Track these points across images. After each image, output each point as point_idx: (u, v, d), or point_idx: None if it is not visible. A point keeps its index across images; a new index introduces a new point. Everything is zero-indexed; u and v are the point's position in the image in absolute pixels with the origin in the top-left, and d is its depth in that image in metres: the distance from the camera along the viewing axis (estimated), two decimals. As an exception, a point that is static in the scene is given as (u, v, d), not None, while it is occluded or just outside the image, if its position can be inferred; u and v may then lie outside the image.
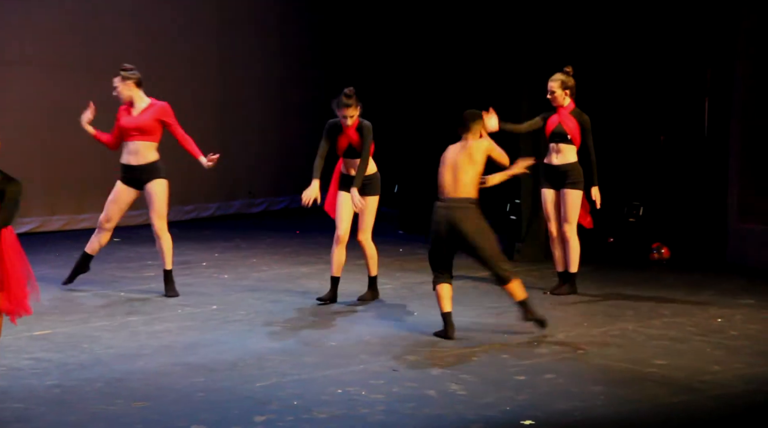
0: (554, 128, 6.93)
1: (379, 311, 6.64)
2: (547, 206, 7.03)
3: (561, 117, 6.93)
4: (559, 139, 6.92)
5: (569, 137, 6.90)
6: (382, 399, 4.90)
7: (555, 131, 6.93)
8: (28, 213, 8.73)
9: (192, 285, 7.27)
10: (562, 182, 6.94)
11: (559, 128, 6.92)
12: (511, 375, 5.30)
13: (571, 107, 6.96)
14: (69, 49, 8.69)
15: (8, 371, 5.13)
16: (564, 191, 6.94)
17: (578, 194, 6.96)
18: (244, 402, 4.83)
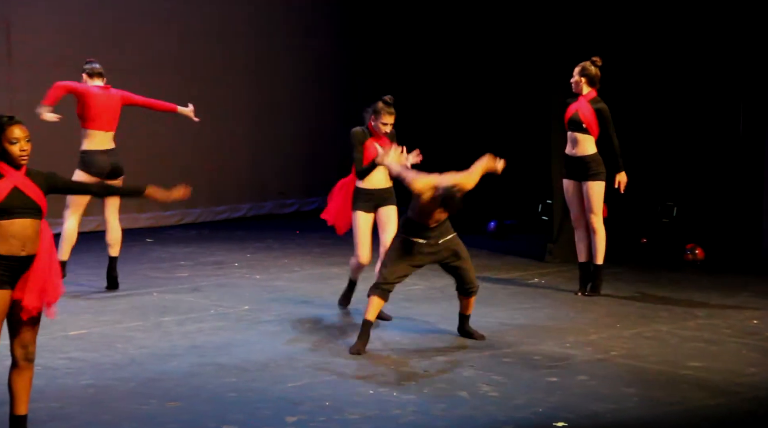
0: (571, 116, 6.84)
1: (409, 312, 6.63)
2: (568, 197, 6.96)
3: (579, 105, 6.84)
4: (575, 127, 6.82)
5: (584, 126, 6.78)
6: (413, 399, 4.90)
7: (572, 118, 6.84)
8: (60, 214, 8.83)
9: (224, 286, 7.31)
10: (585, 174, 6.85)
11: (575, 116, 6.82)
12: (543, 376, 5.27)
13: (591, 95, 6.84)
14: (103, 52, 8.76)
15: (44, 370, 5.19)
16: (586, 183, 6.85)
17: (601, 185, 6.84)
18: (276, 403, 4.84)
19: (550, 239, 8.38)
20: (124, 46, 9.19)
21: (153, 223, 9.57)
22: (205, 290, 7.17)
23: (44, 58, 8.86)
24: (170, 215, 9.70)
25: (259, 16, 10.06)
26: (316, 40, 10.40)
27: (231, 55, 9.92)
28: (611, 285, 7.39)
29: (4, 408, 4.29)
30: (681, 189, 8.85)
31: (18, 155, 4.10)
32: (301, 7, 10.31)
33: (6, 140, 4.09)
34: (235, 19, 9.91)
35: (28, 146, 4.13)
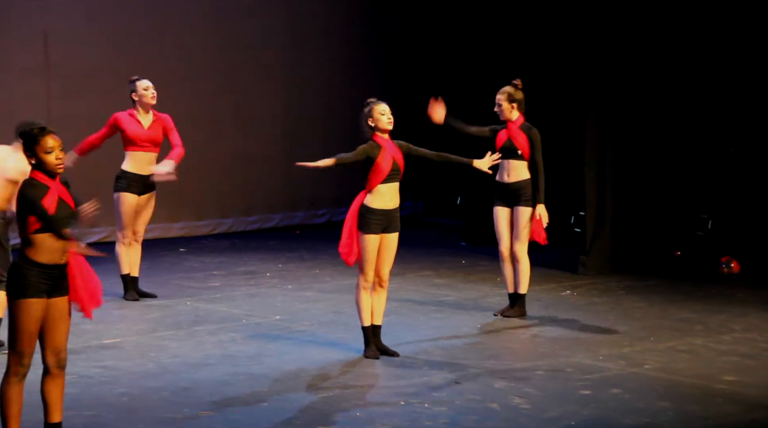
0: (504, 144, 6.59)
1: (441, 323, 6.62)
2: (499, 225, 6.64)
3: (510, 132, 6.60)
4: (509, 155, 6.58)
5: (520, 153, 6.58)
6: (444, 411, 4.88)
7: (505, 146, 6.58)
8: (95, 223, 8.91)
9: (256, 296, 7.34)
10: (516, 200, 6.61)
11: (509, 143, 6.59)
12: (576, 389, 5.24)
13: (520, 121, 6.62)
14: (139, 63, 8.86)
15: (79, 378, 5.25)
16: (517, 208, 6.59)
17: (530, 211, 6.58)
18: (307, 413, 4.85)
19: (582, 251, 8.33)
20: (160, 57, 9.28)
21: (186, 233, 9.64)
22: (238, 299, 7.20)
23: (81, 68, 8.97)
24: (203, 225, 9.77)
25: (292, 27, 10.11)
26: (349, 51, 10.44)
27: (264, 67, 9.98)
28: (645, 298, 7.33)
29: (38, 414, 4.33)
30: (715, 202, 8.77)
31: (55, 164, 4.16)
32: (334, 18, 10.35)
33: (42, 151, 4.14)
34: (269, 30, 9.97)
35: (62, 155, 4.18)
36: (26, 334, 4.10)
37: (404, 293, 7.40)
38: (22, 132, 4.20)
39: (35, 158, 4.16)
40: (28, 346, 4.11)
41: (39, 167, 4.16)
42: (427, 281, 7.90)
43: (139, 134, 6.95)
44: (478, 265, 8.56)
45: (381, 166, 5.64)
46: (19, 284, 4.10)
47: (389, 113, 5.70)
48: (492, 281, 7.93)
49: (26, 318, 4.09)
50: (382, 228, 5.71)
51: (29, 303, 4.10)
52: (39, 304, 4.10)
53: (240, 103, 9.86)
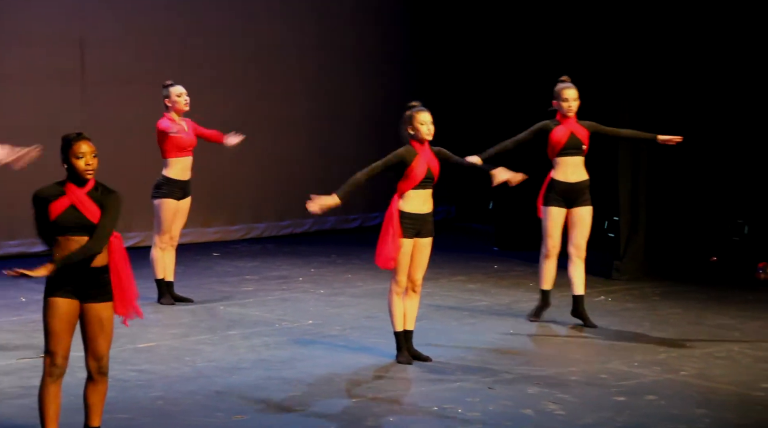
0: (568, 140, 6.42)
1: (473, 327, 6.60)
2: (552, 223, 6.46)
3: (573, 127, 6.45)
4: (574, 152, 6.43)
5: (584, 148, 6.46)
6: (478, 417, 4.86)
7: (569, 142, 6.41)
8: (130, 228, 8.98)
9: (289, 300, 7.36)
10: (579, 201, 6.48)
11: (573, 139, 6.43)
12: (611, 395, 5.19)
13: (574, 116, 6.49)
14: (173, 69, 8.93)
15: (115, 382, 5.28)
16: (581, 209, 6.47)
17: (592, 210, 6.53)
18: (340, 418, 4.85)
19: (616, 256, 8.26)
20: (194, 63, 9.34)
21: (219, 237, 9.69)
22: (270, 304, 7.23)
23: (116, 74, 9.05)
24: (236, 230, 9.82)
25: (323, 32, 10.14)
26: (381, 54, 10.44)
27: (296, 71, 10.01)
28: (680, 304, 7.26)
29: (79, 417, 4.37)
30: (752, 207, 8.66)
31: (83, 169, 4.18)
32: (367, 23, 10.37)
33: (73, 155, 4.18)
34: (301, 35, 10.00)
35: (93, 162, 4.21)
36: (52, 333, 4.13)
37: (437, 298, 7.38)
38: (62, 137, 4.25)
39: (67, 162, 4.20)
40: (57, 346, 4.14)
41: (70, 171, 4.19)
42: (460, 286, 7.88)
43: (186, 139, 7.01)
44: (511, 270, 8.52)
45: (415, 172, 5.61)
46: (48, 283, 4.15)
47: (430, 122, 5.62)
48: (524, 285, 7.89)
49: (50, 316, 4.14)
50: (415, 232, 5.68)
51: (52, 302, 4.14)
52: (63, 304, 4.13)
53: (272, 108, 9.90)
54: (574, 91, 6.51)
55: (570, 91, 6.49)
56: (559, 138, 6.47)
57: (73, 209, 4.17)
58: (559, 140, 6.47)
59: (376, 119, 10.36)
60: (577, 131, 6.51)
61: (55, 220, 4.16)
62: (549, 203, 6.51)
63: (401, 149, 5.65)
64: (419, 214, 5.66)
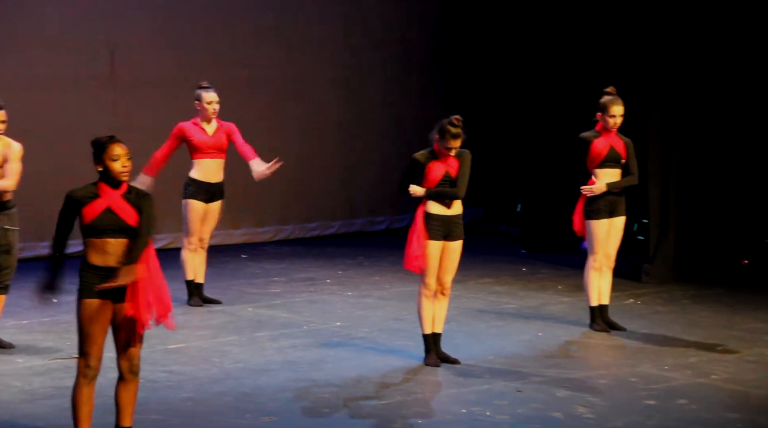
0: (608, 153, 6.42)
1: (501, 330, 6.57)
2: (599, 235, 6.42)
3: (613, 141, 6.45)
4: (614, 164, 6.44)
5: (623, 161, 6.45)
6: (506, 420, 4.84)
7: (610, 155, 6.42)
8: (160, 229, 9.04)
9: (316, 302, 7.37)
10: (618, 210, 6.48)
11: (613, 152, 6.43)
12: (641, 399, 5.16)
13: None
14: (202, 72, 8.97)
15: (146, 383, 5.31)
16: (619, 219, 6.48)
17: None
18: (368, 420, 4.86)
19: (646, 259, 8.20)
20: (224, 66, 9.39)
21: (247, 239, 9.73)
22: (298, 306, 7.25)
23: (147, 79, 9.12)
24: (264, 232, 9.85)
25: (354, 32, 10.16)
26: (409, 59, 10.44)
27: (325, 74, 10.04)
28: (710, 307, 7.19)
29: (110, 418, 4.41)
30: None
31: (119, 171, 4.22)
32: (396, 23, 10.37)
33: (108, 158, 4.22)
34: (330, 39, 10.03)
35: (129, 164, 4.25)
36: (86, 335, 4.17)
37: (464, 301, 7.36)
38: (93, 141, 4.29)
39: (102, 165, 4.23)
40: (89, 347, 4.18)
41: (105, 174, 4.23)
42: (488, 289, 7.86)
43: (205, 141, 7.04)
44: (539, 273, 8.48)
45: (432, 174, 5.64)
46: (80, 285, 4.20)
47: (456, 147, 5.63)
48: (553, 288, 7.86)
49: (84, 318, 4.17)
50: (444, 235, 5.69)
51: (86, 304, 4.18)
52: (97, 305, 4.17)
53: (301, 110, 9.92)
54: (622, 107, 6.47)
55: (619, 108, 6.45)
56: (599, 151, 6.44)
57: (109, 212, 4.20)
58: (599, 152, 6.44)
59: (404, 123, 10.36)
60: (616, 144, 6.48)
61: (91, 222, 4.19)
62: (593, 216, 6.44)
63: (418, 153, 5.72)
64: (446, 216, 5.67)
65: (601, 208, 6.46)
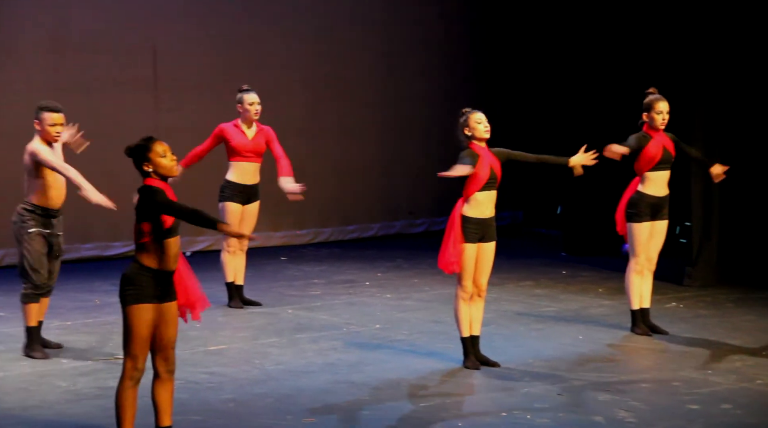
0: (663, 155, 6.33)
1: (541, 333, 6.54)
2: (643, 237, 6.34)
3: (665, 142, 6.37)
4: (667, 166, 6.36)
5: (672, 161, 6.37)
6: (547, 423, 4.82)
7: (664, 157, 6.33)
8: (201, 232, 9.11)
9: (355, 304, 7.39)
10: (663, 213, 6.39)
11: (667, 153, 6.35)
12: (684, 403, 5.10)
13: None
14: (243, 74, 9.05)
15: (186, 384, 5.37)
16: (662, 222, 6.40)
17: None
18: (408, 422, 4.85)
19: (688, 262, 8.11)
20: (264, 68, 9.45)
21: (287, 241, 9.78)
22: (338, 308, 7.27)
23: (188, 81, 9.20)
24: (303, 234, 9.89)
25: (391, 34, 10.17)
26: (448, 60, 10.43)
27: (364, 76, 10.06)
28: (755, 311, 7.09)
29: (149, 419, 4.45)
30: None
31: (171, 165, 4.26)
32: (433, 25, 10.37)
33: (156, 156, 4.25)
34: (369, 40, 10.05)
35: (175, 157, 4.30)
36: (140, 339, 4.21)
37: (504, 304, 7.34)
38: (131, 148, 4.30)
39: (151, 164, 4.26)
40: (141, 351, 4.23)
41: (155, 173, 4.26)
42: (527, 292, 7.82)
43: (244, 144, 7.09)
44: (579, 275, 8.42)
45: (479, 175, 5.62)
46: (134, 290, 4.21)
47: (485, 121, 5.69)
48: (593, 291, 7.80)
49: (140, 323, 4.21)
50: (479, 238, 5.68)
51: (142, 309, 4.21)
52: (151, 309, 4.22)
53: (341, 113, 9.96)
54: (667, 103, 6.39)
55: (664, 104, 6.36)
56: (654, 153, 6.34)
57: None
58: (654, 155, 6.34)
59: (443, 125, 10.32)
60: (667, 144, 6.40)
61: (172, 225, 4.21)
62: (635, 218, 6.35)
63: (465, 152, 5.67)
64: (483, 219, 5.67)
65: (644, 211, 6.38)
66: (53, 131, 5.72)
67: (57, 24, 8.66)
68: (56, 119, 5.73)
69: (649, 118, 6.39)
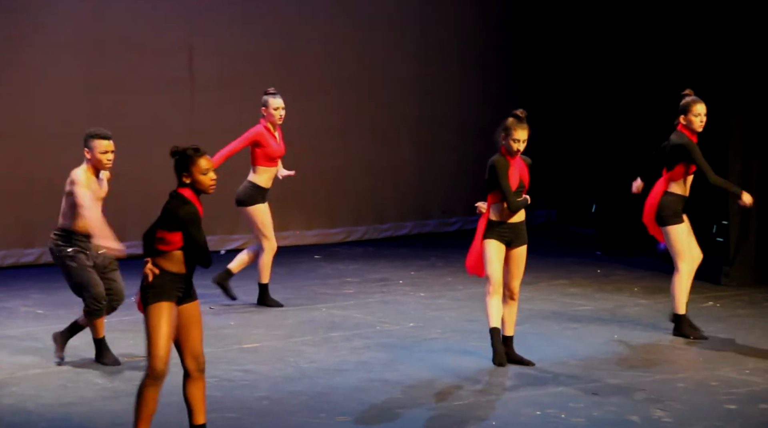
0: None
1: (576, 333, 6.50)
2: (686, 239, 6.34)
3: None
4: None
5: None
6: (582, 423, 4.79)
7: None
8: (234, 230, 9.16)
9: (389, 303, 7.39)
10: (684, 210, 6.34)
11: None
12: (721, 403, 5.04)
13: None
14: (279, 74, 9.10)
15: (221, 381, 5.41)
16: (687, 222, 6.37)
17: None
18: (442, 420, 4.85)
19: (726, 261, 8.01)
20: (300, 68, 9.47)
21: (320, 240, 9.81)
22: (371, 306, 7.28)
23: (224, 80, 9.25)
24: (336, 233, 9.91)
25: (427, 34, 10.15)
26: (484, 60, 10.39)
27: (399, 76, 10.05)
28: (793, 310, 6.99)
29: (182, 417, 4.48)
30: None
31: (209, 185, 4.27)
32: (470, 25, 10.34)
33: (198, 171, 4.25)
34: (404, 40, 10.04)
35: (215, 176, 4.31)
36: (162, 337, 4.24)
37: (537, 303, 7.30)
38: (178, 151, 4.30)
39: (190, 177, 4.27)
40: (166, 350, 4.26)
41: (192, 186, 4.26)
42: (561, 291, 7.78)
43: (277, 150, 7.09)
44: (614, 274, 8.36)
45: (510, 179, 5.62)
46: (153, 290, 4.26)
47: (523, 139, 5.62)
48: (628, 290, 7.74)
49: (161, 322, 4.24)
50: (508, 241, 5.68)
51: (162, 306, 4.25)
52: (171, 308, 4.25)
53: (375, 112, 9.95)
54: (705, 106, 6.29)
55: (702, 106, 6.26)
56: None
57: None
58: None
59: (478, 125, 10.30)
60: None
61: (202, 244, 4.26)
62: (672, 221, 6.27)
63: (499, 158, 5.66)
64: (511, 223, 5.66)
65: (680, 210, 6.31)
66: (105, 158, 5.58)
67: (94, 23, 8.74)
68: (107, 146, 5.60)
69: (686, 120, 6.30)
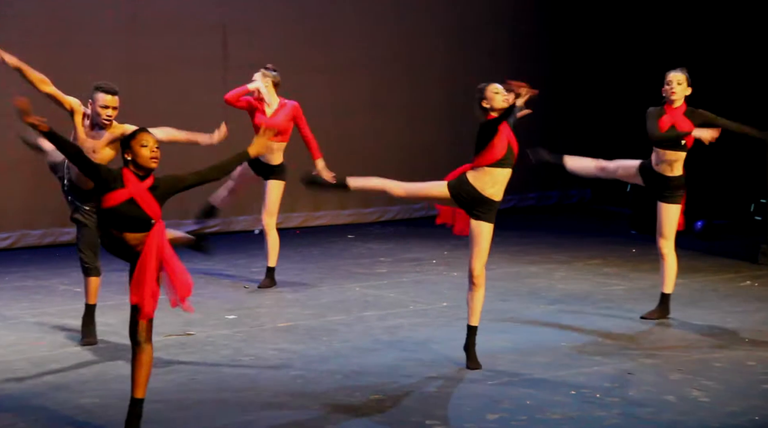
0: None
1: (611, 312, 6.46)
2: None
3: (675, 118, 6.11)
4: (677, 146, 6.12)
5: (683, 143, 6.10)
6: (617, 402, 4.76)
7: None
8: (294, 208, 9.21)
9: (422, 283, 7.39)
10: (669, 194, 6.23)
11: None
12: (759, 383, 4.99)
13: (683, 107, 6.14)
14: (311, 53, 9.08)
15: (256, 360, 5.45)
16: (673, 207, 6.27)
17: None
18: (477, 400, 4.85)
19: (764, 240, 7.91)
20: (333, 47, 9.45)
21: (354, 219, 9.82)
22: (404, 286, 7.28)
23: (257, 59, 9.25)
24: (370, 213, 9.92)
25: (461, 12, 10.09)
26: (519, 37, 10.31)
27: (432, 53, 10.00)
28: (833, 289, 6.89)
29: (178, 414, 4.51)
30: None
31: (149, 157, 4.19)
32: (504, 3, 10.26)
33: (137, 143, 4.20)
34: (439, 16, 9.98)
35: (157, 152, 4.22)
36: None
37: (572, 282, 7.26)
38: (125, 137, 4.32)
39: (131, 152, 4.21)
40: None
41: (133, 162, 4.21)
42: (596, 270, 7.73)
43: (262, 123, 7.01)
44: (649, 254, 8.26)
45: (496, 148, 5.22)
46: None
47: (503, 90, 5.34)
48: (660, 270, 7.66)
49: None
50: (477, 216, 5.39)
51: None
52: None
53: (409, 90, 9.92)
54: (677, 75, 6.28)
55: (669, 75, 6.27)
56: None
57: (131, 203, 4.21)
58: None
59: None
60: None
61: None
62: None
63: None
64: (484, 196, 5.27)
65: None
66: (104, 113, 5.24)
67: (128, 3, 8.78)
68: (108, 101, 5.24)
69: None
